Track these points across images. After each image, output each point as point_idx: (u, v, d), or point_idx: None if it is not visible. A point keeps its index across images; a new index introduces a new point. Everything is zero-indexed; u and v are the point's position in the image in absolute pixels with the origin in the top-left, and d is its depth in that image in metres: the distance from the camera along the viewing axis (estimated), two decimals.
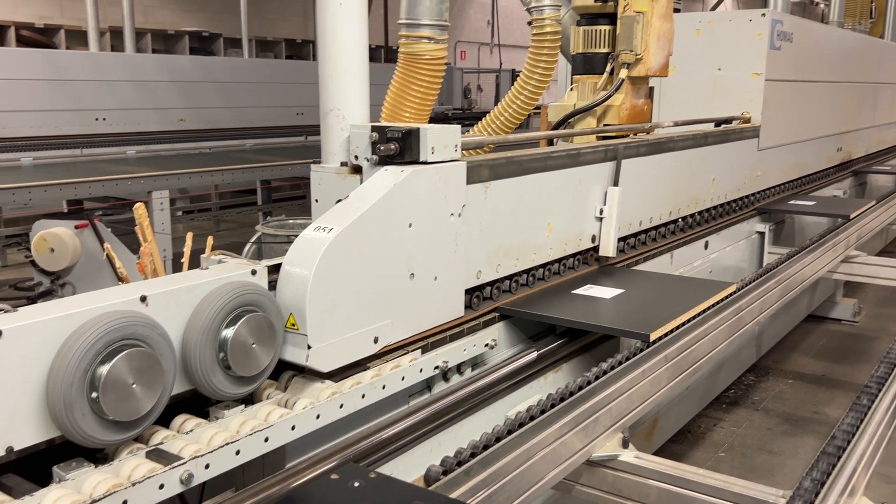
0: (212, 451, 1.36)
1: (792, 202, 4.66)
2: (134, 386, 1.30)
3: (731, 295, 2.64)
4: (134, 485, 1.24)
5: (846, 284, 5.67)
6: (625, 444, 1.81)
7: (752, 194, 4.05)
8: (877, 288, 5.88)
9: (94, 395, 1.26)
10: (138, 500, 1.25)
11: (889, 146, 7.16)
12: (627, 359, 2.04)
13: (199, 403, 1.52)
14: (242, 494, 1.34)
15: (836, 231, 3.79)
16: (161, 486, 1.27)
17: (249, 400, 1.57)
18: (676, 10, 3.54)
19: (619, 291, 2.46)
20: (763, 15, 3.86)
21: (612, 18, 3.07)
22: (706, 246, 3.43)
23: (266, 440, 1.45)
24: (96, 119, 7.59)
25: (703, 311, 2.42)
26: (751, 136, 3.90)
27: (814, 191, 5.02)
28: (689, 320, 2.34)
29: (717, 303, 2.57)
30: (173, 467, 1.29)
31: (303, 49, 12.31)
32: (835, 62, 5.14)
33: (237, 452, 1.39)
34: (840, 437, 1.62)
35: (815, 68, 4.71)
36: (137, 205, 1.87)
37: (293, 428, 1.49)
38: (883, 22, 7.51)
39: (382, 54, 12.55)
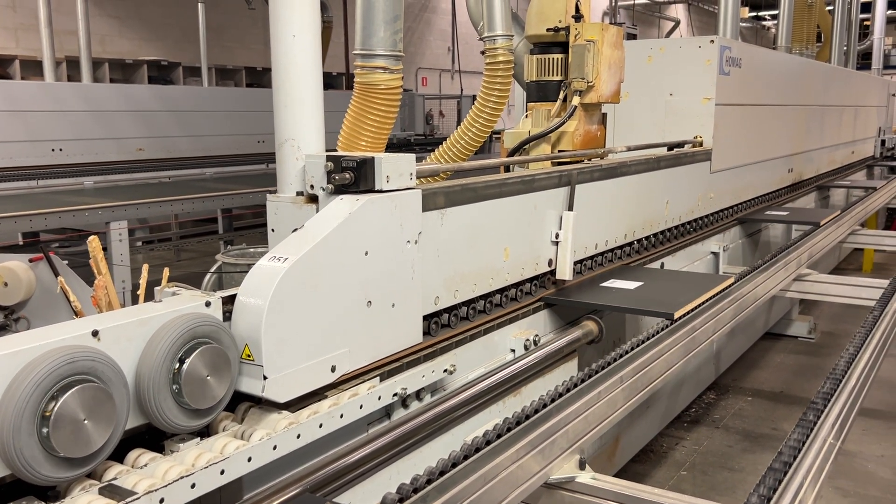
0: (166, 486, 1.34)
1: (768, 212, 4.83)
2: (86, 422, 1.29)
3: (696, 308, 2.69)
4: None
5: (802, 302, 5.77)
6: (581, 466, 1.82)
7: (705, 215, 4.10)
8: (832, 304, 5.99)
9: (44, 431, 1.25)
10: None
11: (839, 166, 7.32)
12: (583, 380, 2.04)
13: (153, 437, 1.50)
14: None
15: (789, 250, 3.85)
16: None
17: (205, 432, 1.55)
18: (633, 37, 3.61)
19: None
20: (712, 42, 3.93)
21: (564, 47, 3.11)
22: (662, 267, 3.45)
23: (222, 472, 1.43)
24: (53, 150, 7.49)
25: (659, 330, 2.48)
26: (703, 159, 3.94)
27: (767, 210, 5.10)
28: (643, 340, 2.38)
29: (674, 322, 2.63)
30: (126, 503, 1.28)
31: (263, 77, 12.28)
32: (783, 86, 5.25)
33: (192, 486, 1.38)
34: (787, 453, 1.65)
35: (764, 92, 4.80)
36: (91, 238, 1.86)
37: (249, 460, 1.48)
38: (829, 46, 7.72)
39: (343, 81, 12.57)
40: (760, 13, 24.48)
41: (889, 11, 12.30)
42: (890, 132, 10.13)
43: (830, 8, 8.24)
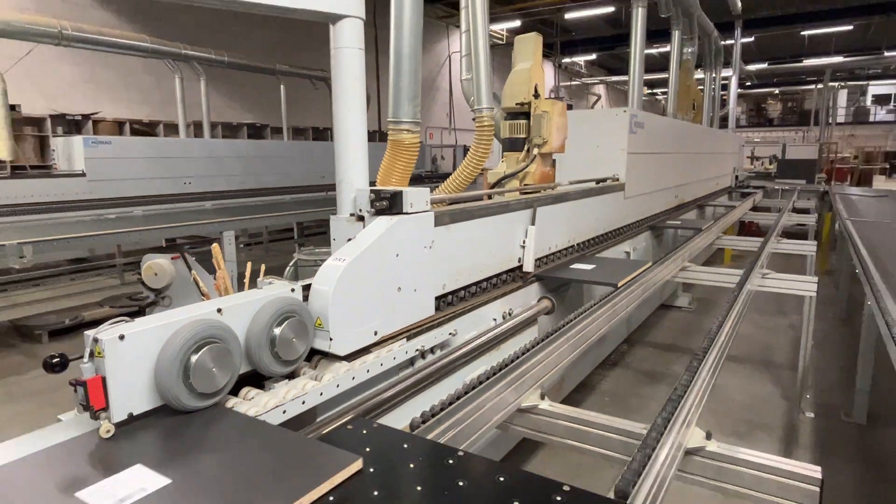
0: (266, 411, 1.35)
1: (669, 221, 4.90)
2: (213, 369, 1.30)
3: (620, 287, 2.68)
4: None
5: (685, 284, 5.79)
6: (542, 397, 1.82)
7: (621, 227, 4.09)
8: (704, 286, 6.00)
9: (187, 375, 1.26)
10: None
11: (708, 193, 7.33)
12: (542, 340, 2.05)
13: (258, 379, 1.51)
14: None
15: (676, 250, 3.85)
16: None
17: (292, 375, 1.57)
18: (570, 108, 3.60)
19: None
20: (624, 111, 3.94)
21: (527, 116, 3.12)
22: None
23: (303, 402, 1.45)
24: (184, 183, 7.53)
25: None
26: (619, 189, 3.95)
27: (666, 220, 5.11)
28: (580, 313, 2.37)
29: (607, 294, 2.63)
30: None
31: (325, 133, 12.27)
32: (671, 140, 5.26)
33: (284, 412, 1.39)
34: (680, 389, 1.65)
35: (659, 145, 4.81)
36: (214, 244, 1.85)
37: (321, 394, 1.49)
38: (701, 113, 7.74)
39: (377, 136, 12.54)
40: (655, 91, 24.48)
41: (739, 90, 12.25)
42: (740, 170, 10.13)
43: (701, 87, 8.24)
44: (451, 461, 1.17)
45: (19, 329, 4.99)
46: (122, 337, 1.19)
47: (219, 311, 1.39)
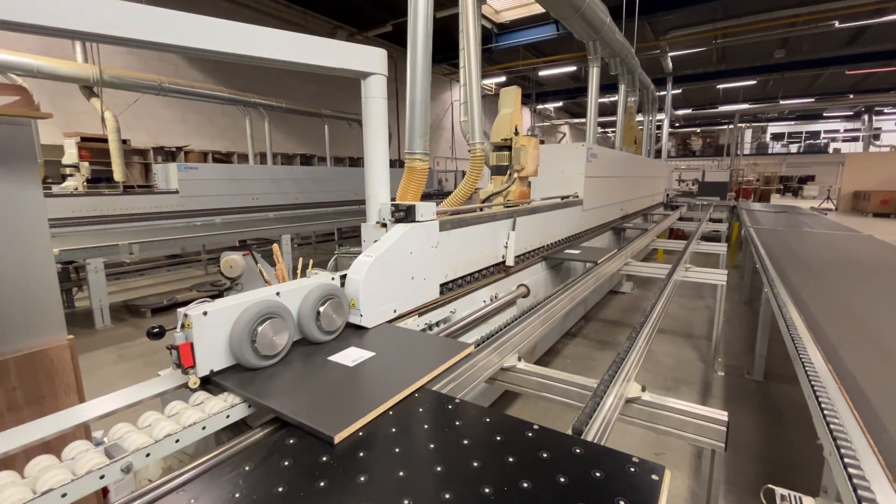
0: None
1: (627, 225, 4.85)
2: (273, 337, 1.30)
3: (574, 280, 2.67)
4: None
5: (628, 276, 5.77)
6: (519, 359, 1.81)
7: (580, 232, 4.07)
8: (643, 277, 5.98)
9: (253, 341, 1.26)
10: None
11: (646, 207, 7.29)
12: (519, 316, 2.04)
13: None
14: None
15: (621, 249, 3.84)
16: None
17: None
18: (542, 142, 3.59)
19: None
20: (583, 145, 3.92)
21: (510, 148, 3.10)
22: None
23: None
24: (252, 199, 7.50)
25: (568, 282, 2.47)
26: (578, 204, 3.93)
27: (613, 227, 5.09)
28: (549, 296, 2.36)
29: (570, 282, 2.61)
30: None
31: (358, 161, 12.24)
32: (618, 167, 5.24)
33: None
34: (622, 353, 1.64)
35: (609, 170, 4.79)
36: (274, 244, 1.86)
37: None
38: (641, 146, 7.70)
39: (397, 163, 12.53)
40: (606, 129, 24.37)
41: (669, 129, 12.19)
42: (670, 190, 10.06)
43: (641, 127, 8.20)
44: (450, 407, 1.17)
45: (129, 307, 5.01)
46: (205, 313, 1.20)
47: (277, 294, 1.39)
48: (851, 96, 17.46)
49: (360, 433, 1.03)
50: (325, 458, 0.96)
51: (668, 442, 2.45)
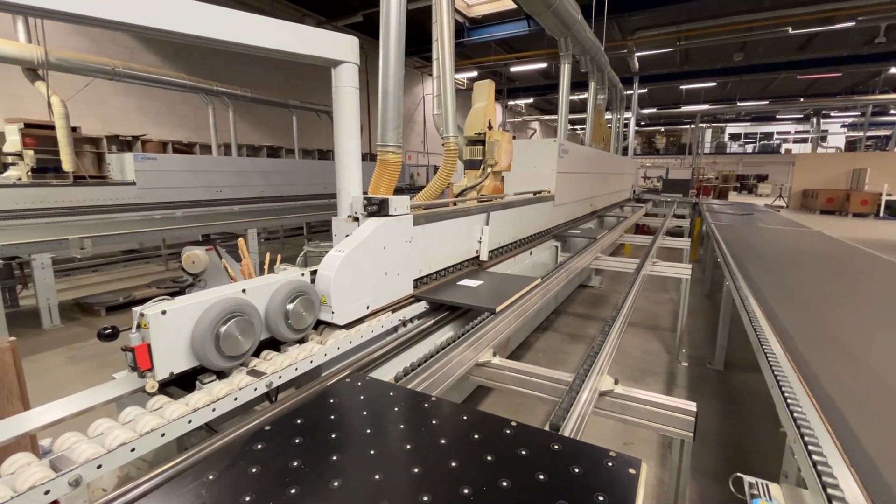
0: (282, 369, 1.30)
1: (577, 227, 4.85)
2: (239, 337, 1.24)
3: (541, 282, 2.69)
4: (240, 389, 1.18)
5: (597, 270, 5.89)
6: (494, 354, 1.81)
7: (552, 227, 4.12)
8: (611, 271, 6.13)
9: (217, 341, 1.20)
10: (243, 397, 1.18)
11: (614, 203, 7.47)
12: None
13: (275, 344, 1.46)
14: (299, 389, 1.29)
15: (590, 244, 3.91)
16: (255, 389, 1.21)
17: (302, 341, 1.51)
18: (515, 138, 3.60)
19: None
20: (554, 141, 3.95)
21: (483, 143, 3.08)
22: (531, 253, 3.47)
23: (311, 361, 1.39)
24: (217, 191, 7.21)
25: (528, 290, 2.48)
26: (550, 199, 3.97)
27: (582, 224, 5.17)
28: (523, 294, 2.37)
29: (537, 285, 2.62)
30: (262, 378, 1.23)
31: (328, 154, 11.95)
32: (588, 163, 5.32)
33: (296, 369, 1.34)
34: (595, 347, 1.66)
35: (580, 166, 4.86)
36: (240, 239, 1.77)
37: (325, 354, 1.44)
38: (609, 144, 7.88)
39: (369, 157, 12.31)
40: (576, 126, 24.82)
41: (636, 127, 12.55)
42: (637, 187, 10.36)
43: (610, 125, 8.38)
44: (426, 405, 1.15)
45: (81, 305, 4.72)
46: (164, 312, 1.12)
47: (243, 291, 1.33)
48: (802, 100, 18.49)
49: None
50: (295, 464, 0.92)
51: (635, 431, 2.52)
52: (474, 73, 14.94)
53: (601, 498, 0.81)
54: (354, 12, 10.34)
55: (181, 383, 1.24)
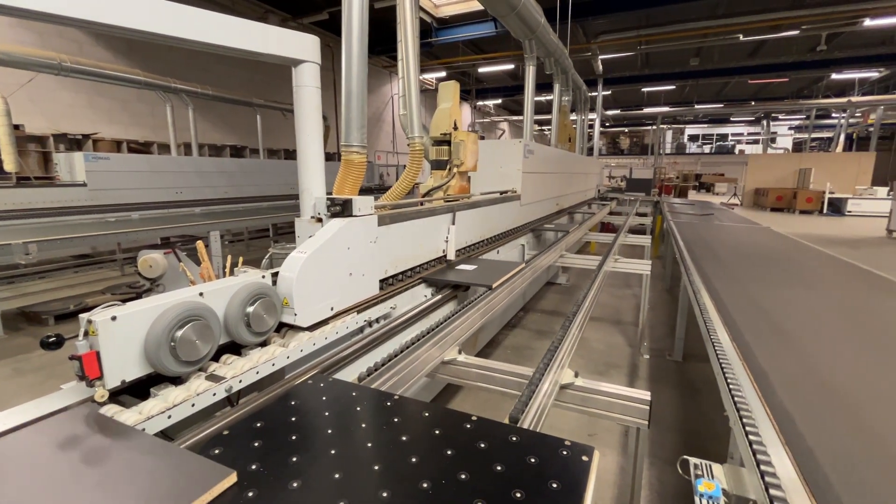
0: (243, 373, 1.28)
1: (546, 225, 4.95)
2: (196, 341, 1.21)
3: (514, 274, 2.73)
4: (198, 394, 1.15)
5: (563, 267, 6.01)
6: (460, 352, 1.83)
7: (518, 227, 4.18)
8: (577, 268, 6.27)
9: (173, 346, 1.17)
10: (201, 403, 1.16)
11: (579, 202, 7.65)
12: (459, 310, 2.06)
13: (235, 347, 1.43)
14: (261, 392, 1.28)
15: (557, 242, 4.00)
16: (214, 394, 1.19)
17: (264, 344, 1.49)
18: (482, 138, 3.64)
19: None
20: (520, 142, 4.02)
21: (449, 143, 3.11)
22: (498, 252, 3.51)
23: (273, 364, 1.38)
24: (176, 192, 6.93)
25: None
26: (516, 199, 4.03)
27: (549, 222, 5.27)
28: (488, 288, 2.40)
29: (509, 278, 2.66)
30: (221, 383, 1.21)
31: (294, 154, 11.70)
32: (554, 163, 5.44)
33: (257, 372, 1.32)
34: (556, 341, 1.71)
35: (545, 166, 4.95)
36: (198, 241, 1.73)
37: (288, 357, 1.43)
38: (575, 144, 8.07)
39: (335, 157, 12.14)
40: (543, 127, 25.29)
41: (600, 128, 12.93)
42: (602, 186, 10.67)
43: (575, 126, 8.60)
44: (388, 403, 1.16)
45: (27, 315, 4.44)
46: (114, 318, 1.09)
47: (201, 294, 1.30)
48: (753, 103, 19.56)
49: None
50: (253, 467, 0.91)
51: (600, 423, 2.61)
52: (443, 74, 14.98)
53: (555, 485, 0.85)
54: (320, 10, 10.17)
55: (136, 391, 1.20)
